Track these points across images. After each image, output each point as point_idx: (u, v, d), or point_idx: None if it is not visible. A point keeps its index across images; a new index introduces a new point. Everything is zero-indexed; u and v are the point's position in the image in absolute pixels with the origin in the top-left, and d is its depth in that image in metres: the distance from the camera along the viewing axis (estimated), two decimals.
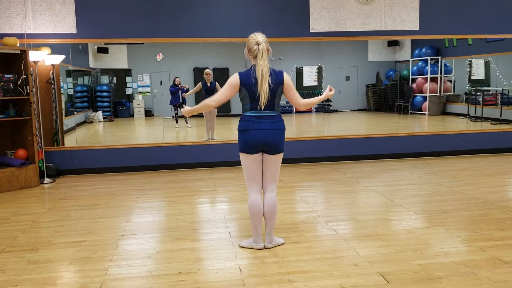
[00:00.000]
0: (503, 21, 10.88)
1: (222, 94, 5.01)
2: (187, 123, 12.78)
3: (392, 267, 4.57)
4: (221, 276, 4.47)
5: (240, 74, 4.97)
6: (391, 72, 14.33)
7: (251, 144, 4.95)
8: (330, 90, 5.36)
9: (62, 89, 10.17)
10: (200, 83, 11.75)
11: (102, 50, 12.18)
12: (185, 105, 12.29)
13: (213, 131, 11.53)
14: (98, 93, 12.91)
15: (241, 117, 5.05)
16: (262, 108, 4.91)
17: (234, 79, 4.98)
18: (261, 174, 5.13)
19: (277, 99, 5.00)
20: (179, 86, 12.26)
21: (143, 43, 10.51)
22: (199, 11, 9.92)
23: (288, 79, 5.04)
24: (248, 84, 4.90)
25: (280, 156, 5.09)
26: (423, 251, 4.98)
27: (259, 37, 4.93)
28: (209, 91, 11.57)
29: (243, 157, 5.06)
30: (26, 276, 4.58)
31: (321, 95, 5.36)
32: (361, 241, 5.36)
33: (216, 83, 11.62)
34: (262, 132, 4.91)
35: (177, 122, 12.75)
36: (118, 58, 12.52)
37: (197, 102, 12.28)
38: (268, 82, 4.85)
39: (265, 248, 5.17)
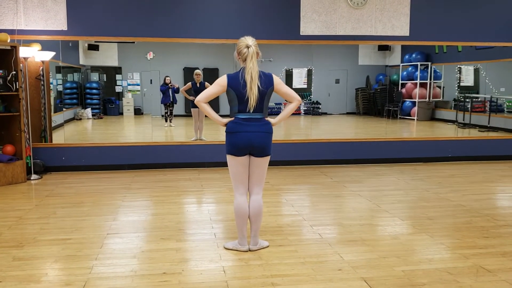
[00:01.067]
0: (493, 29, 10.95)
1: (209, 90, 5.03)
2: (170, 122, 12.76)
3: (375, 272, 4.60)
4: (205, 277, 4.49)
5: (228, 76, 4.98)
6: (381, 77, 14.40)
7: (238, 146, 4.96)
8: None
9: (51, 86, 10.14)
10: (190, 83, 11.76)
11: (93, 47, 12.15)
12: (176, 104, 12.34)
13: (202, 131, 11.55)
14: (88, 90, 12.88)
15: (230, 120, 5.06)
16: (251, 111, 4.92)
17: (222, 79, 5.00)
18: (247, 177, 5.15)
19: (266, 102, 5.02)
20: (169, 85, 12.26)
21: (134, 42, 10.51)
22: (190, 12, 9.92)
23: (279, 81, 5.08)
24: (236, 86, 4.91)
25: (267, 159, 5.11)
26: (407, 257, 5.01)
27: (249, 40, 4.94)
28: (198, 91, 11.58)
29: (230, 159, 5.07)
30: (10, 273, 4.58)
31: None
32: (346, 246, 5.38)
33: (206, 83, 11.64)
34: (249, 134, 4.92)
35: (166, 121, 12.75)
36: (108, 55, 12.50)
37: (187, 101, 12.32)
38: (258, 85, 4.87)
39: (250, 250, 5.18)
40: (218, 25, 10.03)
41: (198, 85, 11.67)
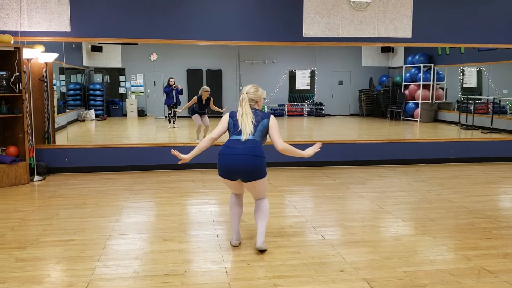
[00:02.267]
0: (495, 31, 10.94)
1: (217, 130, 5.17)
2: (174, 123, 12.78)
3: (377, 273, 4.60)
4: (208, 278, 4.50)
5: (230, 113, 5.17)
6: (384, 78, 14.40)
7: (223, 169, 5.01)
8: (319, 147, 5.44)
9: (54, 87, 10.17)
10: (195, 97, 11.65)
11: (96, 49, 12.19)
12: (179, 105, 12.35)
13: (207, 133, 11.57)
14: (91, 92, 12.91)
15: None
16: (243, 140, 4.98)
17: (224, 117, 5.19)
18: (240, 192, 5.32)
19: (258, 128, 5.06)
20: (173, 86, 12.28)
21: (137, 44, 10.53)
22: (194, 14, 9.94)
23: (273, 122, 5.13)
24: (235, 119, 5.09)
25: (260, 182, 5.08)
26: (409, 259, 5.02)
27: (248, 87, 5.17)
28: (203, 107, 11.58)
29: (221, 178, 5.16)
30: (13, 274, 4.59)
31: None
32: (348, 247, 5.39)
33: (211, 98, 11.60)
34: (234, 157, 4.91)
35: (169, 122, 12.77)
36: (112, 57, 12.54)
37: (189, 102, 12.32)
38: (252, 121, 5.01)
39: (258, 249, 5.17)
40: (222, 27, 10.04)
41: (204, 101, 11.63)
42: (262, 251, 5.19)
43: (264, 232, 5.25)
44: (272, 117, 5.14)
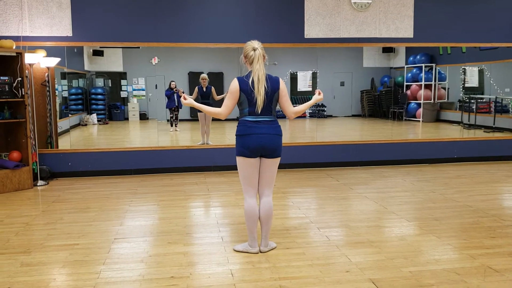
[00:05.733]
0: (497, 30, 10.94)
1: (228, 104, 5.09)
2: (176, 126, 12.78)
3: (383, 274, 4.60)
4: (213, 280, 4.49)
5: (238, 79, 5.05)
6: (386, 79, 14.38)
7: (250, 148, 4.99)
8: (319, 94, 5.38)
9: (56, 92, 10.17)
10: (197, 87, 11.75)
11: (98, 53, 12.18)
12: (181, 108, 12.35)
13: (208, 135, 11.56)
14: (93, 96, 12.90)
15: (239, 122, 5.10)
16: (259, 112, 4.98)
17: (233, 84, 5.05)
18: (257, 179, 5.18)
19: (273, 104, 5.09)
20: (175, 89, 12.28)
21: (138, 47, 10.54)
22: (194, 17, 9.95)
23: (284, 86, 5.14)
24: (246, 89, 4.97)
25: (277, 161, 5.17)
26: (414, 258, 5.01)
27: (255, 43, 5.04)
28: (205, 96, 11.60)
29: (240, 160, 5.09)
30: (19, 279, 4.59)
31: (315, 97, 5.42)
32: (353, 248, 5.38)
33: (212, 87, 11.65)
34: (261, 137, 4.98)
35: (171, 125, 12.76)
36: (113, 61, 12.53)
37: (191, 107, 12.32)
38: (264, 86, 4.94)
39: (261, 252, 5.19)
40: (223, 29, 10.05)
41: (204, 89, 11.67)
42: (265, 252, 5.20)
43: (269, 235, 5.27)
44: (281, 81, 5.16)
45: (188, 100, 5.24)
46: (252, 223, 5.19)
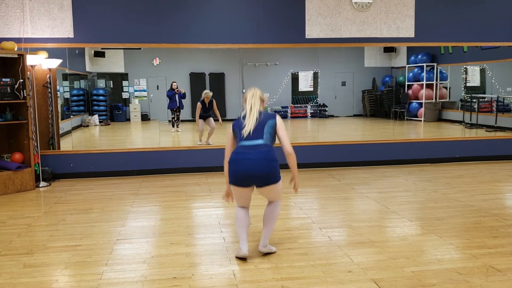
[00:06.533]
0: (498, 29, 10.94)
1: (227, 144, 5.19)
2: (177, 127, 12.80)
3: (385, 274, 4.60)
4: (215, 281, 4.50)
5: (233, 124, 5.15)
6: (387, 78, 14.38)
7: (238, 175, 4.91)
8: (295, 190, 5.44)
9: (58, 93, 10.18)
10: (199, 102, 11.75)
11: (99, 54, 12.19)
12: (182, 109, 12.38)
13: (211, 135, 11.62)
14: (95, 97, 12.92)
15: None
16: (245, 137, 4.96)
17: (228, 129, 5.18)
18: (249, 201, 5.20)
19: (266, 130, 5.00)
20: (176, 90, 12.30)
21: (140, 48, 10.55)
22: (195, 17, 9.95)
23: (280, 121, 5.12)
24: (239, 125, 5.05)
25: (276, 186, 5.06)
26: (416, 258, 5.01)
27: (255, 88, 5.21)
28: (207, 110, 11.75)
29: (232, 187, 5.07)
30: (21, 280, 4.60)
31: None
32: (355, 248, 5.38)
33: (213, 100, 11.73)
34: (248, 162, 4.85)
35: (173, 126, 12.78)
36: (114, 62, 12.54)
37: (193, 106, 12.35)
38: (255, 114, 4.99)
39: (259, 251, 5.18)
40: (224, 30, 10.05)
41: (207, 105, 11.76)
42: (266, 254, 5.19)
43: (269, 236, 5.23)
44: (278, 116, 5.12)
45: (228, 191, 5.32)
46: (241, 228, 5.13)
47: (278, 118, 5.10)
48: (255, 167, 4.84)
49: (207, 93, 11.85)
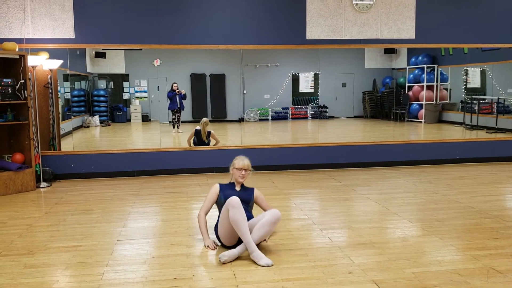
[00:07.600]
0: (498, 31, 10.95)
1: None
2: (178, 128, 12.78)
3: (386, 275, 4.60)
4: (216, 282, 4.50)
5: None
6: (388, 80, 14.37)
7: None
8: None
9: (59, 93, 10.19)
10: (194, 131, 11.12)
11: (100, 55, 12.19)
12: (183, 110, 12.36)
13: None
14: (95, 98, 12.91)
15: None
16: None
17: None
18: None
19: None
20: (177, 91, 12.29)
21: (140, 49, 10.55)
22: (196, 18, 9.96)
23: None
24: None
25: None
26: (417, 260, 5.01)
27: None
28: (204, 143, 11.08)
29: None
30: (22, 280, 4.61)
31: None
32: (356, 249, 5.39)
33: (211, 132, 11.12)
34: None
35: (174, 127, 12.77)
36: (115, 63, 12.54)
37: (193, 108, 12.34)
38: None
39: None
40: (225, 31, 10.06)
41: (205, 136, 11.42)
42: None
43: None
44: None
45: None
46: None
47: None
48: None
49: (205, 121, 11.07)
